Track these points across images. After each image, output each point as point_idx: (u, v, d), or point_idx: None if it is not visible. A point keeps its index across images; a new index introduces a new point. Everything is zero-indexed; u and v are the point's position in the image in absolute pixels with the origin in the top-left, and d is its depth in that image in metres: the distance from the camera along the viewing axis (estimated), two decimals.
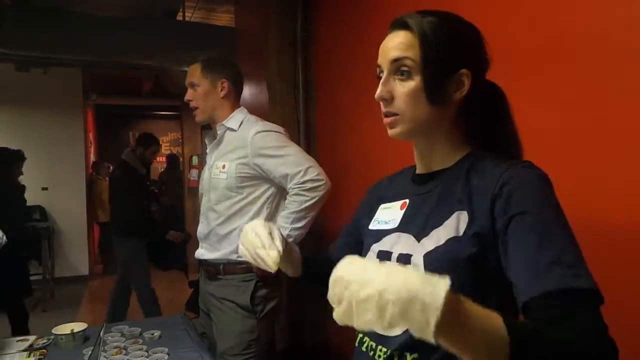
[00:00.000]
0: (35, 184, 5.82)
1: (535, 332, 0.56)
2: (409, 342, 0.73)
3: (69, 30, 3.75)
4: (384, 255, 0.81)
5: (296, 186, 1.65)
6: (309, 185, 1.65)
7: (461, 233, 0.72)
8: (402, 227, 0.82)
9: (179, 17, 4.51)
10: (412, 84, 0.76)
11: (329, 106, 2.46)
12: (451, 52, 0.76)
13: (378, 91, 0.78)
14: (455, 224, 0.73)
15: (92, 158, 7.49)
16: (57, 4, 3.85)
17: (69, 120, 6.02)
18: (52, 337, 1.73)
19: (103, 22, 3.87)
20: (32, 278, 5.56)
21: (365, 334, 0.82)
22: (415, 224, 0.79)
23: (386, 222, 0.86)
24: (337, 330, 2.21)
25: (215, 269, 1.76)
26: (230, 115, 1.78)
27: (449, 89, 0.77)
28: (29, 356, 1.61)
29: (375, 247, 0.85)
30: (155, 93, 7.84)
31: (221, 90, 1.77)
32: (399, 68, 0.77)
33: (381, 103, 0.79)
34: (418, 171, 0.87)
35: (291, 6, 2.58)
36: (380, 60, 0.79)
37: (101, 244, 6.97)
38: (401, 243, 0.80)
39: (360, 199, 1.01)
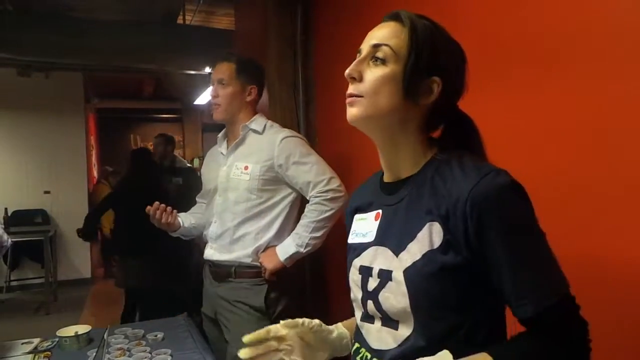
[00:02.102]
0: (38, 188, 5.86)
1: None
2: (402, 355, 0.75)
3: (70, 34, 3.77)
4: (365, 271, 0.82)
5: (318, 194, 1.66)
6: (330, 195, 1.66)
7: (436, 246, 0.72)
8: (378, 240, 0.82)
9: (179, 21, 4.53)
10: (385, 70, 0.76)
11: (329, 108, 2.47)
12: (432, 55, 0.76)
13: (349, 69, 0.78)
14: (428, 236, 0.73)
15: (94, 161, 7.51)
16: (58, 9, 3.87)
17: (71, 123, 6.04)
18: (57, 339, 1.74)
19: (104, 26, 3.89)
20: (35, 281, 5.65)
21: (361, 345, 0.84)
22: (391, 238, 0.79)
23: (364, 235, 0.85)
24: None
25: (226, 272, 1.75)
26: (253, 118, 1.79)
27: (420, 89, 0.76)
28: (33, 359, 1.62)
29: (357, 263, 0.85)
30: (156, 96, 7.87)
31: (248, 95, 1.78)
32: (375, 53, 0.77)
33: (349, 85, 0.79)
34: (386, 179, 0.86)
35: (291, 9, 2.60)
36: (362, 45, 0.80)
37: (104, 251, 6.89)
38: (380, 257, 0.80)
39: None
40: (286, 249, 1.68)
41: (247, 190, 1.70)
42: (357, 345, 0.86)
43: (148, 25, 4.15)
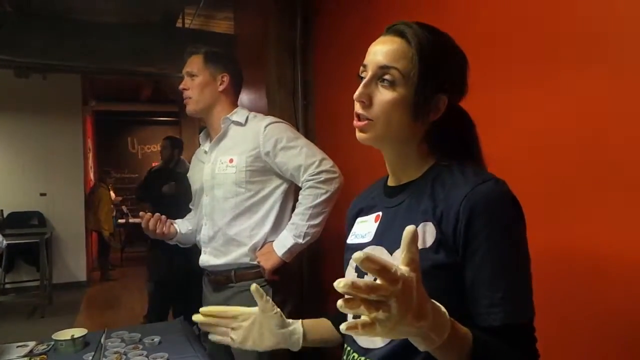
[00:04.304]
0: (34, 190, 5.83)
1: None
2: (391, 353, 0.75)
3: (69, 36, 3.77)
4: (361, 270, 0.83)
5: (311, 178, 1.57)
6: (323, 176, 1.57)
7: (428, 245, 0.73)
8: (376, 240, 0.83)
9: (179, 24, 4.54)
10: (395, 94, 0.76)
11: (328, 113, 2.48)
12: (440, 77, 0.77)
13: (358, 92, 0.77)
14: (421, 236, 0.74)
15: (91, 164, 7.49)
16: (57, 11, 3.87)
17: (68, 126, 6.04)
18: (52, 342, 1.72)
19: (103, 29, 3.90)
20: (30, 284, 5.62)
21: (350, 346, 0.85)
22: (388, 237, 0.81)
23: (363, 236, 0.87)
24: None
25: (225, 277, 1.65)
26: (234, 111, 1.70)
27: (428, 110, 0.78)
28: None
29: (353, 262, 0.86)
30: (154, 99, 7.87)
31: (220, 84, 1.69)
32: (384, 75, 0.76)
33: (357, 104, 0.79)
34: (389, 183, 0.88)
35: (290, 14, 2.61)
36: (367, 60, 0.79)
37: (101, 252, 6.86)
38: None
39: None
40: (283, 242, 1.58)
41: (235, 184, 1.61)
42: (346, 347, 0.87)
43: (147, 28, 4.15)
